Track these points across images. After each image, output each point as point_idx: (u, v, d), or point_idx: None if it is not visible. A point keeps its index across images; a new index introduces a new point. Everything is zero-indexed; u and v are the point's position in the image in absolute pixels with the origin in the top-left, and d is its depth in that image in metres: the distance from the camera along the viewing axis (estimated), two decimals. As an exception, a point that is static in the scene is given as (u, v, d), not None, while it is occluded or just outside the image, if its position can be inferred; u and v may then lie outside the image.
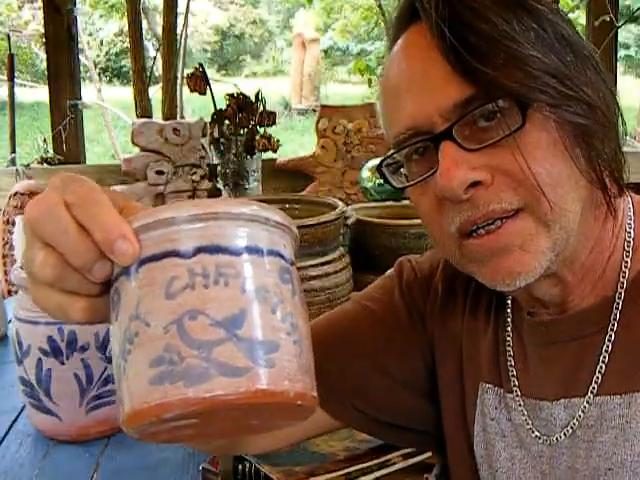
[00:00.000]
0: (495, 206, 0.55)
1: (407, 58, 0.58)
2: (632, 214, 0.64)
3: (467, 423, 0.71)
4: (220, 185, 1.85)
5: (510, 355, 0.68)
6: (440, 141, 0.55)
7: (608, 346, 0.61)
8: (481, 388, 0.70)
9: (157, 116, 4.39)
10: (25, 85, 9.01)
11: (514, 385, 0.67)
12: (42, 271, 0.40)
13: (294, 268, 0.43)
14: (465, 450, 0.72)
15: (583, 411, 0.61)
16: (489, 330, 0.70)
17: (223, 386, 0.35)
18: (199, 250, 0.38)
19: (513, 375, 0.67)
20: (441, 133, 0.55)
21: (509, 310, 0.69)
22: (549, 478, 0.64)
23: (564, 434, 0.63)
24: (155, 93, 4.82)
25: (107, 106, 6.44)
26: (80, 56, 3.57)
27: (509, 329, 0.69)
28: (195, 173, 2.67)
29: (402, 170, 0.62)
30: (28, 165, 3.11)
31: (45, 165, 3.14)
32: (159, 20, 6.11)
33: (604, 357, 0.61)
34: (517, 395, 0.67)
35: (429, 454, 0.89)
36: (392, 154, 0.61)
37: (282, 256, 0.41)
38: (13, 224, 2.13)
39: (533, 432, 0.65)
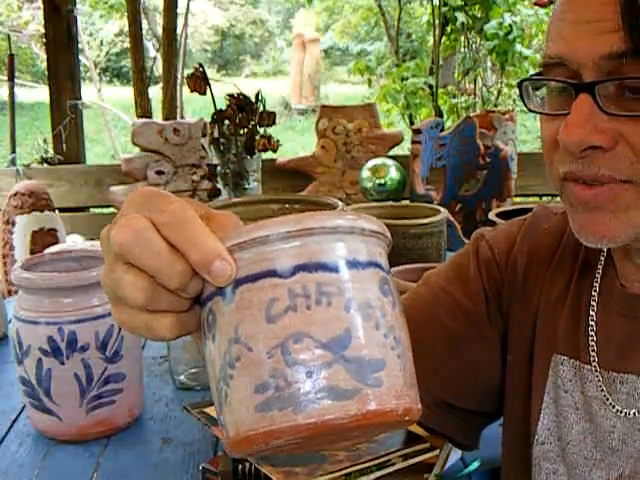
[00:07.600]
0: (606, 172, 0.55)
1: None
2: None
3: (532, 397, 0.71)
4: (220, 185, 1.85)
5: (592, 327, 0.67)
6: (580, 91, 0.54)
7: None
8: (554, 360, 0.69)
9: (157, 116, 4.40)
10: (25, 85, 9.01)
11: (592, 357, 0.66)
12: (133, 295, 0.39)
13: (391, 277, 0.41)
14: (524, 426, 0.71)
15: None
16: (567, 301, 0.70)
17: (333, 410, 0.35)
18: (298, 269, 0.36)
19: (592, 347, 0.66)
20: (585, 84, 0.54)
21: (596, 283, 0.68)
22: (619, 454, 0.64)
23: None
24: (155, 93, 4.83)
25: (107, 106, 6.44)
26: (80, 56, 3.57)
27: (594, 303, 0.68)
28: (195, 173, 2.68)
29: (537, 93, 0.61)
30: (28, 165, 3.12)
31: (45, 165, 3.14)
32: (159, 20, 6.12)
33: None
34: (595, 368, 0.66)
35: (429, 454, 0.89)
36: (536, 79, 0.60)
37: (380, 266, 0.40)
38: (13, 224, 2.13)
39: (613, 406, 0.64)
